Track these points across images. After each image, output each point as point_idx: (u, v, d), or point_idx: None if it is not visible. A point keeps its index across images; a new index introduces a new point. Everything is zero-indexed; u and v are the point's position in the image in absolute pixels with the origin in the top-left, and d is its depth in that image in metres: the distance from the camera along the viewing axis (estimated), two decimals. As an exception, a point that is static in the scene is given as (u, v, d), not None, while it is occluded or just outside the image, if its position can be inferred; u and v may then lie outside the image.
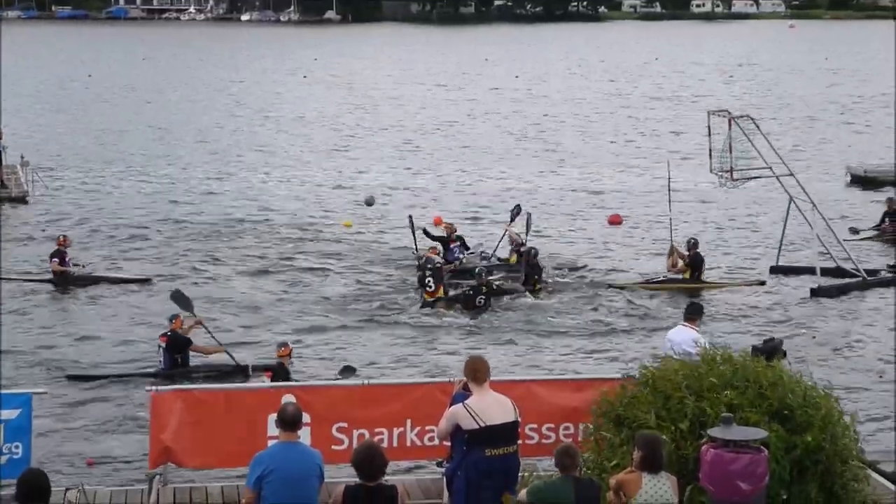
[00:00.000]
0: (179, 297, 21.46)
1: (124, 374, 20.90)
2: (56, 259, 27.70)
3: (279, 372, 18.23)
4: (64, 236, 28.88)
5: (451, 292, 25.99)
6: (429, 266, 25.76)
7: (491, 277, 26.52)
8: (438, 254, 27.26)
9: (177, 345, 20.48)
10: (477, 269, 26.05)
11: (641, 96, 76.72)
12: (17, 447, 13.17)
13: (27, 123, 59.58)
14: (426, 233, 29.00)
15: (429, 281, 25.55)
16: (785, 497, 11.47)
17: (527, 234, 29.50)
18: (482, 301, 25.15)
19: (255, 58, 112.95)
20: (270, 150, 52.11)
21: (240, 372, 20.61)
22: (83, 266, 28.23)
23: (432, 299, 25.41)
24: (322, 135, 57.70)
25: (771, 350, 15.45)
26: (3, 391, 14.00)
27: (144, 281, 27.80)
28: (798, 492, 11.53)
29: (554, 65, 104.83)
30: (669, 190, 29.10)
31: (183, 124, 61.59)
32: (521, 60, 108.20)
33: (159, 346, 20.58)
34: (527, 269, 26.67)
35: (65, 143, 53.66)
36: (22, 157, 39.59)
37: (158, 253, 31.02)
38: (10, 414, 13.21)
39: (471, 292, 25.43)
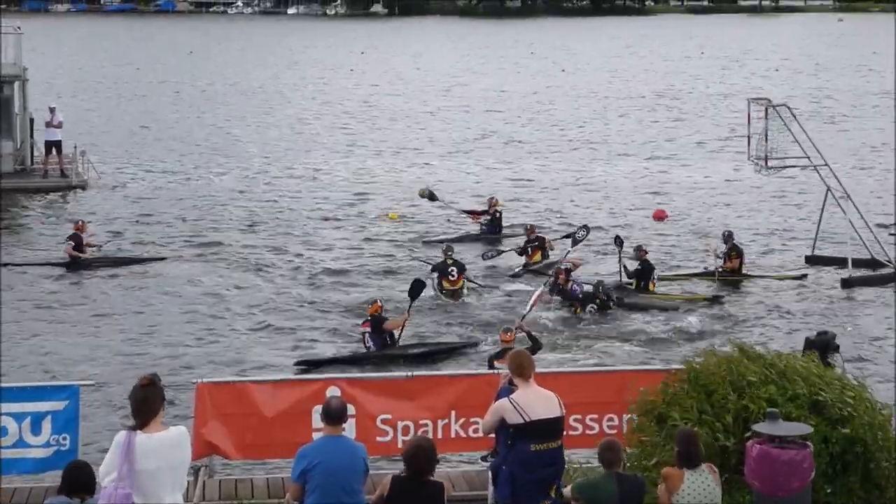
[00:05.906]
0: (418, 286, 22.51)
1: (338, 357, 21.58)
2: (72, 242, 27.97)
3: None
4: (81, 221, 29.47)
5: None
6: (451, 255, 25.85)
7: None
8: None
9: (378, 326, 21.60)
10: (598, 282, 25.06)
11: (687, 91, 76.31)
12: (64, 439, 13.23)
13: (74, 114, 60.03)
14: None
15: (452, 270, 25.56)
16: (829, 490, 11.42)
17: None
18: (592, 310, 24.41)
19: (305, 50, 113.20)
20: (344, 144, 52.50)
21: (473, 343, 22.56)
22: (99, 248, 28.69)
23: (454, 288, 25.40)
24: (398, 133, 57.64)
25: (824, 343, 15.24)
26: (52, 383, 14.07)
27: (159, 259, 28.38)
28: (841, 485, 11.47)
29: (598, 59, 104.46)
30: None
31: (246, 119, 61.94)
32: (567, 54, 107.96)
33: (363, 333, 21.69)
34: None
35: (112, 134, 54.45)
36: (76, 147, 39.97)
37: (216, 237, 31.53)
38: (57, 405, 13.28)
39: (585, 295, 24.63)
